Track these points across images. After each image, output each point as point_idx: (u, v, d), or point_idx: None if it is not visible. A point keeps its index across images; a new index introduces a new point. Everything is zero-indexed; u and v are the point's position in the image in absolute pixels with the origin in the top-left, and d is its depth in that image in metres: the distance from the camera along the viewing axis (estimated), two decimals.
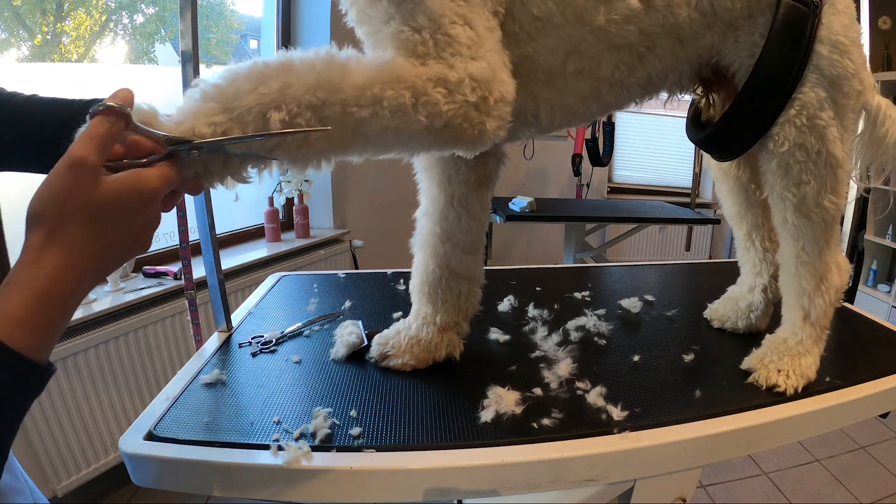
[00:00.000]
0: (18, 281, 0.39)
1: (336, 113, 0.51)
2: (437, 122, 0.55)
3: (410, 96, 0.53)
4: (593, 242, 3.24)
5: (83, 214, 0.42)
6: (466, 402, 0.72)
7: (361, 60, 0.54)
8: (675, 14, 0.69)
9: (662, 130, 4.21)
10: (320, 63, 0.52)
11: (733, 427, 0.68)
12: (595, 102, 0.74)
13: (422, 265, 0.84)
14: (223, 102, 0.49)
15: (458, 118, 0.56)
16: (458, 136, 0.57)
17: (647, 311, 1.05)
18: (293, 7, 2.50)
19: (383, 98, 0.52)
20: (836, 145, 0.73)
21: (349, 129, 0.53)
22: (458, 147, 0.60)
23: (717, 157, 0.88)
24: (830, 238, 0.77)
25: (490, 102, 0.57)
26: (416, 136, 0.56)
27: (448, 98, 0.55)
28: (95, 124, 0.43)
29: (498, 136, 0.60)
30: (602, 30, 0.67)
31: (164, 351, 1.80)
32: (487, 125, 0.58)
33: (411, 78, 0.54)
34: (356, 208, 2.76)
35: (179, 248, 1.10)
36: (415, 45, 0.56)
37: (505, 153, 0.83)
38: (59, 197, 0.41)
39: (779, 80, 0.72)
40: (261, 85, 0.50)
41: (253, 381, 0.77)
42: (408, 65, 0.55)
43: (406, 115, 0.54)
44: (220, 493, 0.61)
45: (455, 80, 0.55)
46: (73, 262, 0.41)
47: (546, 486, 0.63)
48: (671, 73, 0.75)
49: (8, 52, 1.83)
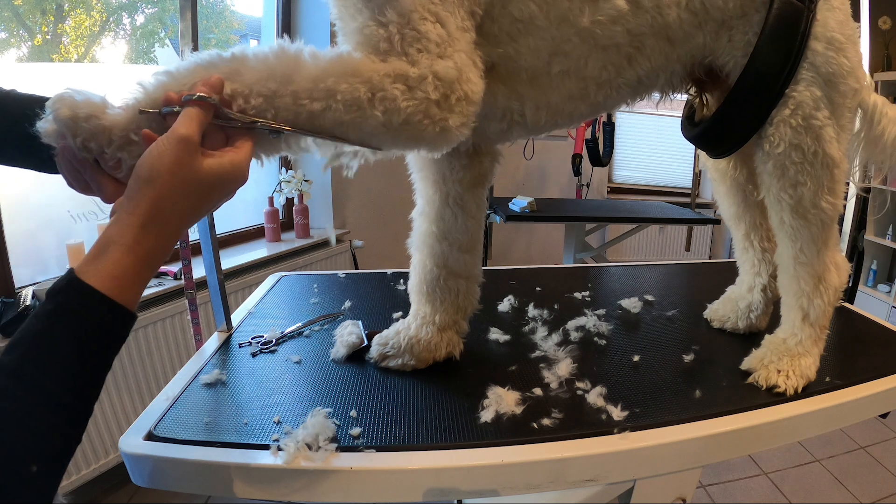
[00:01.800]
0: (124, 242, 0.44)
1: (287, 104, 0.51)
2: (395, 119, 0.54)
3: (366, 91, 0.53)
4: (593, 242, 3.24)
5: (188, 188, 0.47)
6: (466, 402, 0.72)
7: (317, 54, 0.54)
8: (665, 14, 0.68)
9: (662, 130, 4.21)
10: (272, 55, 0.53)
11: (733, 427, 0.68)
12: (583, 102, 0.73)
13: (419, 265, 0.84)
14: (177, 85, 0.50)
15: (419, 115, 0.55)
16: (419, 133, 0.56)
17: (647, 311, 1.05)
18: (293, 7, 2.50)
19: (337, 91, 0.52)
20: (833, 145, 0.73)
21: (302, 120, 0.53)
22: (421, 144, 0.59)
23: (712, 153, 0.87)
24: (828, 238, 0.77)
25: (452, 101, 0.56)
26: (375, 131, 0.55)
27: (408, 94, 0.54)
28: (193, 110, 0.47)
29: (462, 135, 0.59)
30: (587, 31, 0.66)
31: (164, 351, 1.80)
32: (450, 121, 0.57)
33: (368, 73, 0.53)
34: (356, 208, 2.76)
35: (179, 248, 1.10)
36: (377, 40, 0.55)
37: (500, 152, 0.83)
38: (171, 168, 0.45)
39: (772, 75, 0.71)
40: (211, 70, 0.50)
41: (253, 381, 0.77)
42: (366, 60, 0.55)
43: (361, 110, 0.53)
44: (220, 493, 0.61)
45: (416, 76, 0.55)
46: (173, 230, 0.47)
47: (546, 486, 0.63)
48: (662, 73, 0.74)
49: (8, 52, 1.83)
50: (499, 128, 0.72)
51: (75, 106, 0.47)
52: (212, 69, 0.51)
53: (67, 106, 0.47)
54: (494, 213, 2.68)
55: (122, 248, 0.43)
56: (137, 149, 0.48)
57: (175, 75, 0.51)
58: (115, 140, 0.48)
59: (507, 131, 0.73)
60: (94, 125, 0.47)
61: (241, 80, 0.51)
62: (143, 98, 0.50)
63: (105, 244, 0.43)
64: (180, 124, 0.47)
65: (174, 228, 0.47)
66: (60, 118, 0.47)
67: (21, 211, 1.61)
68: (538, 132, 0.75)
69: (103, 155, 0.49)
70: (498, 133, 0.74)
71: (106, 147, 0.48)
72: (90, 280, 0.42)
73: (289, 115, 0.52)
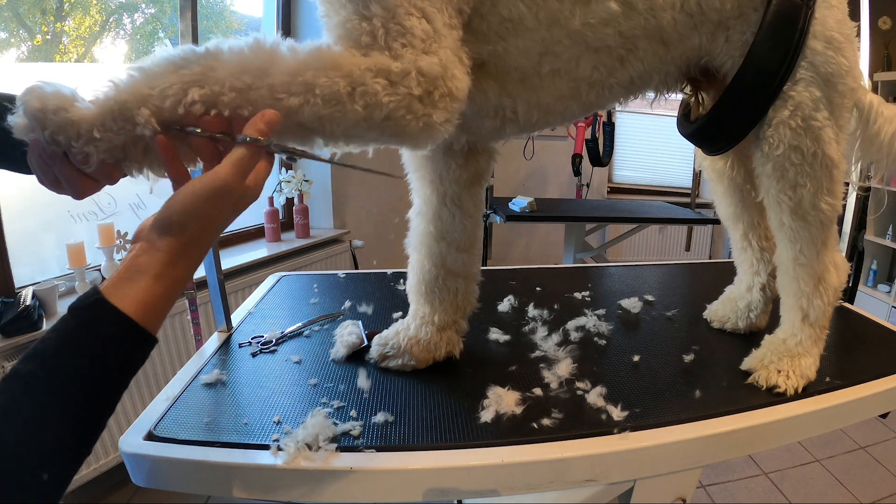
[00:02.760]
0: (153, 273, 0.46)
1: (263, 97, 0.51)
2: (377, 114, 0.53)
3: (346, 84, 0.52)
4: (593, 242, 3.23)
5: (220, 226, 0.51)
6: (466, 402, 0.72)
7: (295, 47, 0.53)
8: (659, 17, 0.67)
9: (662, 130, 4.20)
10: (247, 49, 0.52)
11: (733, 427, 0.68)
12: (575, 102, 0.72)
13: (418, 265, 0.84)
14: (148, 80, 0.49)
15: (401, 110, 0.54)
16: (401, 128, 0.55)
17: (647, 311, 1.05)
18: (293, 7, 2.50)
19: (315, 85, 0.51)
20: (832, 146, 0.72)
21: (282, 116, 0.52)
22: (405, 140, 0.58)
23: (707, 150, 0.87)
24: (828, 239, 0.77)
25: (435, 97, 0.56)
26: (357, 127, 0.54)
27: (389, 90, 0.53)
28: (243, 154, 0.49)
29: (447, 131, 0.58)
30: (578, 33, 0.65)
31: (164, 351, 1.80)
32: (434, 117, 0.56)
33: (348, 66, 0.52)
34: (356, 208, 2.76)
35: None
36: (359, 34, 0.55)
37: (496, 150, 0.83)
38: (203, 221, 0.48)
39: (770, 72, 0.70)
40: (184, 67, 0.50)
41: (253, 381, 0.77)
42: (347, 54, 0.54)
43: (341, 105, 0.52)
44: (219, 493, 0.61)
45: (398, 71, 0.54)
46: (200, 258, 0.51)
47: (546, 486, 0.63)
48: (656, 74, 0.73)
49: (8, 52, 1.83)
50: (492, 125, 0.72)
51: (44, 98, 0.47)
52: (185, 66, 0.50)
53: (37, 98, 0.46)
54: (494, 213, 2.68)
55: (151, 278, 0.46)
56: (105, 144, 0.48)
57: (148, 72, 0.50)
58: (83, 134, 0.48)
59: (500, 128, 0.73)
60: (62, 118, 0.47)
61: (214, 77, 0.50)
62: (114, 94, 0.49)
63: (134, 271, 0.46)
64: (225, 170, 0.48)
65: (201, 257, 0.51)
66: (30, 110, 0.46)
67: (21, 211, 1.61)
68: (532, 130, 0.75)
69: (71, 148, 0.48)
70: (492, 130, 0.73)
71: (74, 140, 0.47)
72: (117, 302, 0.44)
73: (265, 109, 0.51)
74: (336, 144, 0.57)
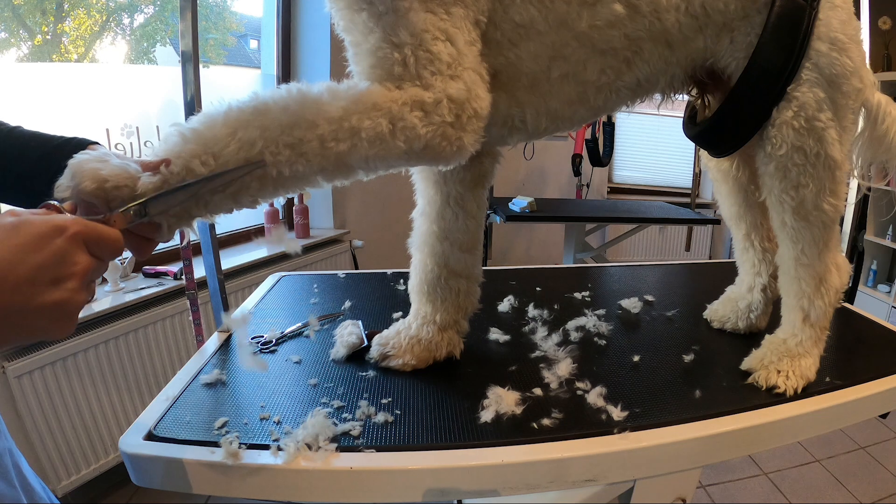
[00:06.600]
0: None
1: (315, 148, 0.52)
2: (416, 145, 0.56)
3: (388, 123, 0.54)
4: (593, 242, 3.23)
5: None
6: (466, 402, 0.72)
7: (336, 92, 0.55)
8: (663, 19, 0.68)
9: (662, 130, 4.21)
10: (294, 102, 0.53)
11: (733, 427, 0.68)
12: (582, 106, 0.73)
13: (420, 265, 0.84)
14: (203, 146, 0.50)
15: (437, 138, 0.57)
16: (438, 154, 0.59)
17: (647, 312, 1.05)
18: (293, 7, 2.49)
19: (361, 129, 0.53)
20: (835, 147, 0.72)
21: (331, 162, 0.54)
22: (440, 162, 0.62)
23: (713, 152, 0.87)
24: (830, 239, 0.77)
25: (464, 119, 0.58)
26: (398, 159, 0.57)
27: (425, 120, 0.56)
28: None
29: (475, 148, 0.62)
30: (585, 35, 0.67)
31: (164, 351, 1.80)
32: (465, 140, 0.59)
33: (387, 104, 0.55)
34: (356, 208, 2.76)
35: (180, 248, 1.10)
36: (391, 64, 0.56)
37: (500, 152, 0.83)
38: None
39: (774, 72, 0.71)
40: (238, 130, 0.51)
41: (253, 381, 0.77)
42: (383, 90, 0.56)
43: (385, 143, 0.55)
44: (219, 493, 0.61)
45: (432, 101, 0.56)
46: None
47: (546, 486, 0.63)
48: (662, 76, 0.74)
49: (8, 52, 1.83)
50: (499, 133, 0.73)
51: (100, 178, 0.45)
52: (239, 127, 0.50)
53: (90, 178, 0.45)
54: (494, 213, 2.68)
55: None
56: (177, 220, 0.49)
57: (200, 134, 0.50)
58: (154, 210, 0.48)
59: (507, 136, 0.74)
60: (125, 195, 0.46)
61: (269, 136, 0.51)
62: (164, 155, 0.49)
63: None
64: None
65: None
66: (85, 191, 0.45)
67: None
68: (538, 136, 0.76)
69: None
70: (498, 138, 0.74)
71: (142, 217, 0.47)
72: None
73: (316, 159, 0.53)
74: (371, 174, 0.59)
